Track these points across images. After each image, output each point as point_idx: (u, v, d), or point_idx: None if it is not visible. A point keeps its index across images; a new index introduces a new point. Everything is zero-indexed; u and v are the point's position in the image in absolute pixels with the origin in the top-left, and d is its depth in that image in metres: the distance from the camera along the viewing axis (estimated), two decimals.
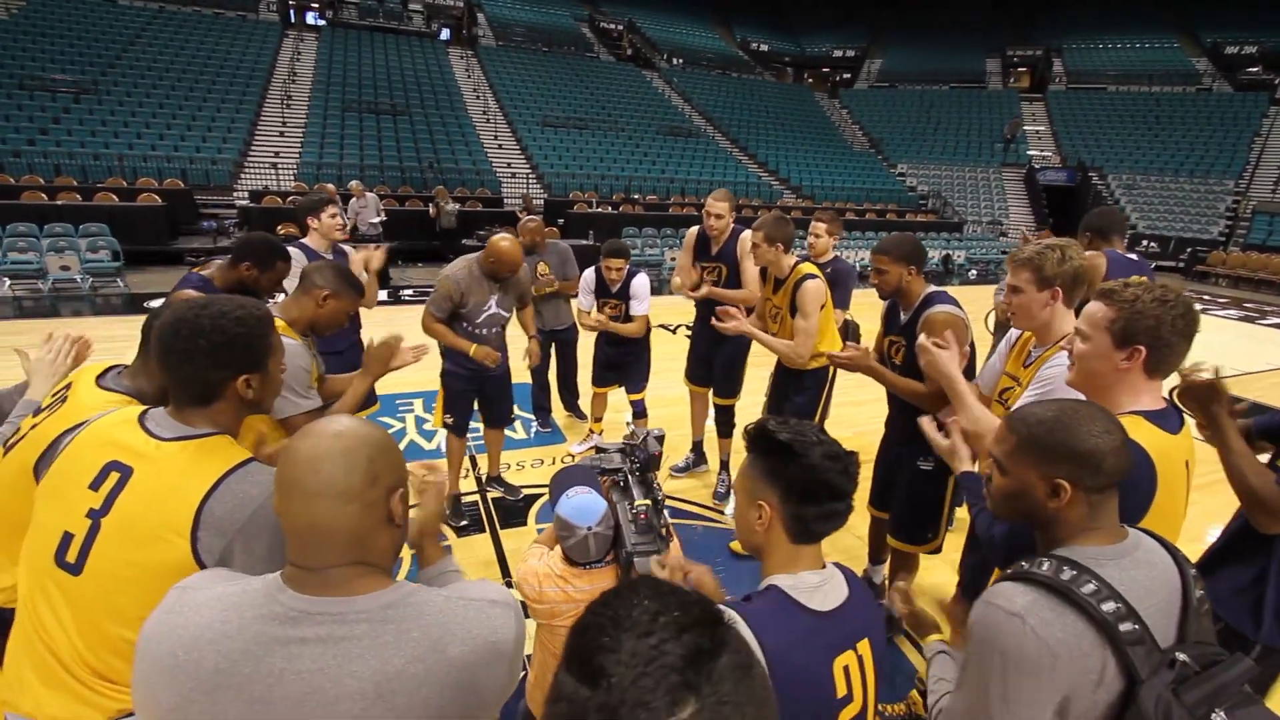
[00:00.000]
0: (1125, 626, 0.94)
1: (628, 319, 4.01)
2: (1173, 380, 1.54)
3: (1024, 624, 0.95)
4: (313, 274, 2.07)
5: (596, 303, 4.05)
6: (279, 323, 1.63)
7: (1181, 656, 0.95)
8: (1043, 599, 0.97)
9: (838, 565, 1.17)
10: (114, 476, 1.11)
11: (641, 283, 3.97)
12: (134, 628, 1.06)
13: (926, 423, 1.82)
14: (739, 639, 0.53)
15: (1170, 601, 1.02)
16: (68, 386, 1.46)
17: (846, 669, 1.08)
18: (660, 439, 1.75)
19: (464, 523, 3.55)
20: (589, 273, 4.06)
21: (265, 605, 0.80)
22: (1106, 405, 1.39)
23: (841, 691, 1.07)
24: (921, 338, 2.04)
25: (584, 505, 1.52)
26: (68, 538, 1.10)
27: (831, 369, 3.21)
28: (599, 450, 1.79)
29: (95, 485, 1.11)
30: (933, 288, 2.47)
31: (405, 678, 0.78)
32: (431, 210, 12.20)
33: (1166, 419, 1.39)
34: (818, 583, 1.09)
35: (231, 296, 1.25)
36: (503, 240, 3.12)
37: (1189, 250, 17.13)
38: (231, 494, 1.10)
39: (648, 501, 1.60)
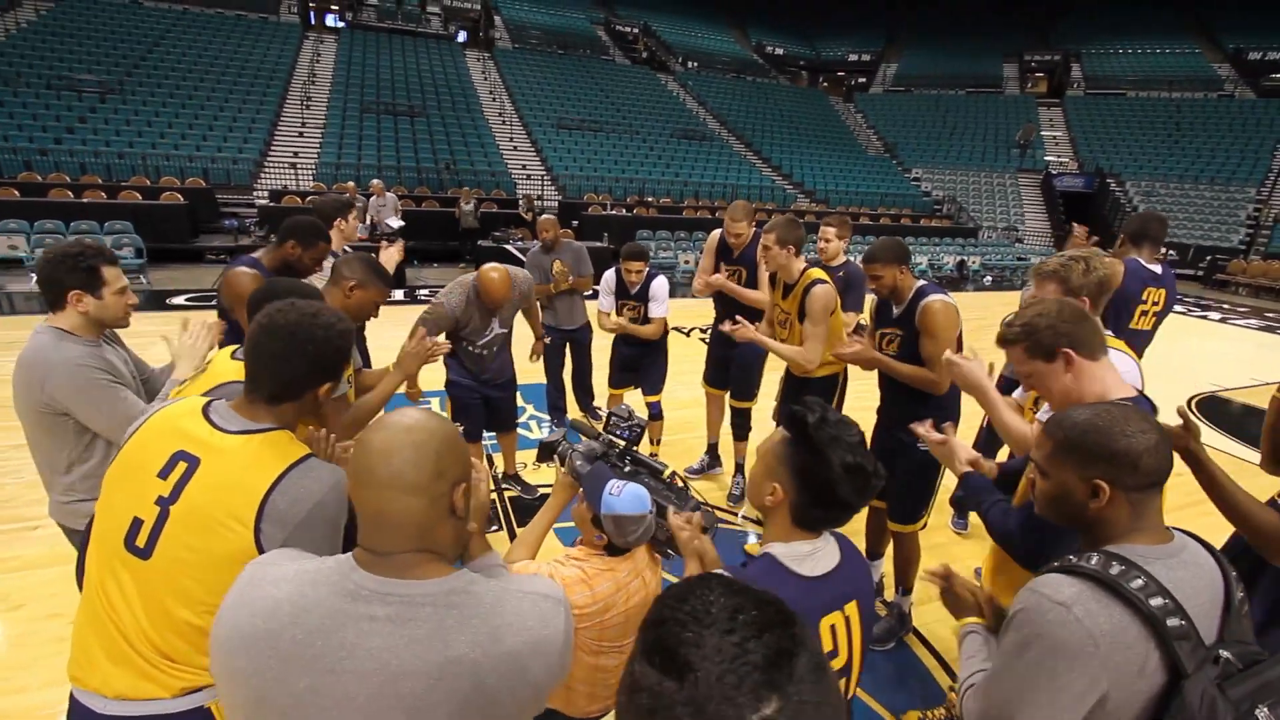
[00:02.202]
0: (1172, 622, 0.96)
1: (646, 321, 4.03)
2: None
3: (1069, 612, 0.98)
4: (341, 266, 2.15)
5: (616, 304, 4.07)
6: None
7: (1225, 654, 0.97)
8: (1089, 590, 1.00)
9: (834, 534, 1.25)
10: (182, 466, 1.16)
11: (660, 285, 4.00)
12: (197, 611, 1.11)
13: (920, 429, 1.90)
14: (814, 640, 0.54)
15: (1214, 602, 1.04)
16: (208, 363, 1.66)
17: (834, 628, 1.18)
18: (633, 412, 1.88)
19: (494, 527, 3.58)
20: (609, 274, 4.07)
21: (340, 582, 0.84)
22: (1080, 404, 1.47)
23: (828, 648, 1.17)
24: (947, 353, 2.11)
25: (634, 494, 1.51)
26: (137, 523, 1.15)
27: (841, 376, 3.27)
28: (546, 446, 1.80)
29: (164, 474, 1.16)
30: (921, 281, 2.64)
31: (465, 662, 0.81)
32: (456, 211, 12.31)
33: (1143, 405, 1.47)
34: (809, 551, 1.19)
35: (326, 305, 1.31)
36: (492, 271, 3.08)
37: (1208, 258, 16.90)
38: (293, 488, 1.15)
39: (668, 465, 1.68)
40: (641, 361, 4.15)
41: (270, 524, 1.12)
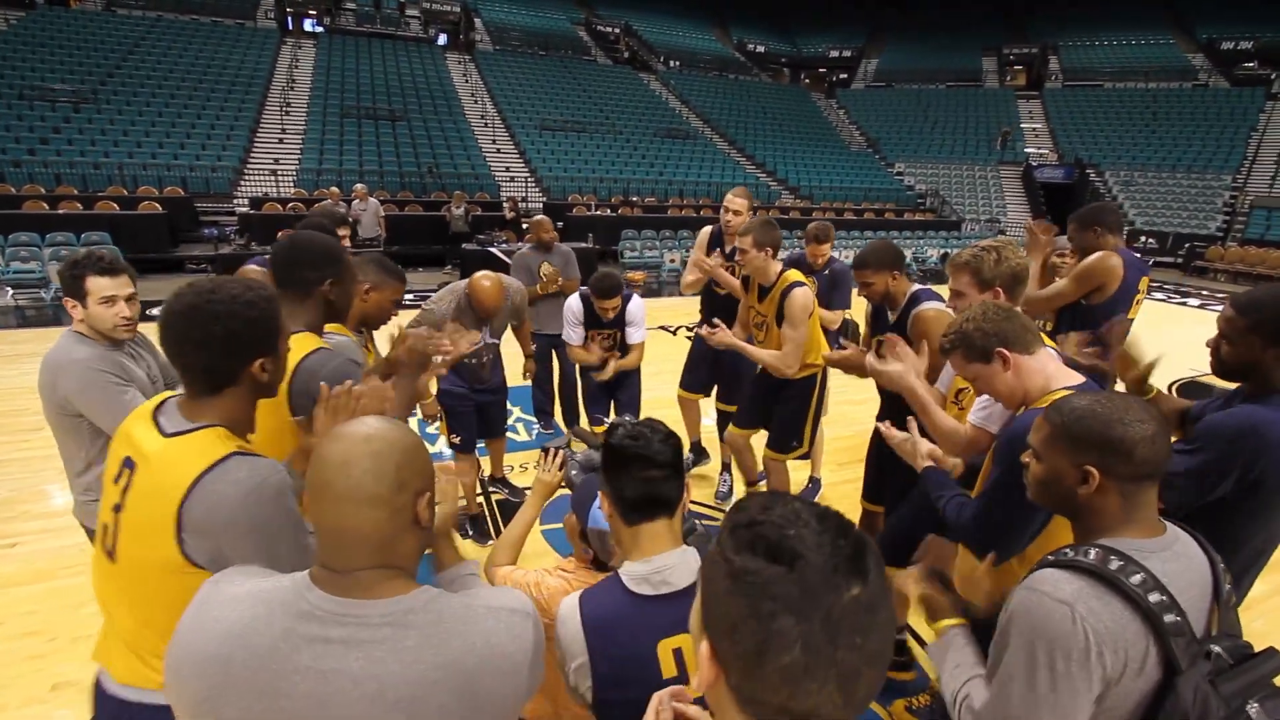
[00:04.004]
0: (1169, 618, 0.95)
1: (623, 346, 3.71)
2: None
3: (1072, 611, 0.96)
4: (354, 269, 2.11)
5: (587, 334, 3.68)
6: (332, 324, 1.71)
7: (1217, 649, 0.97)
8: (1089, 587, 0.98)
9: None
10: (126, 473, 1.13)
11: (637, 308, 3.63)
12: (155, 615, 1.10)
13: (884, 426, 1.89)
14: (872, 542, 0.65)
15: (1204, 594, 1.04)
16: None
17: (677, 651, 1.13)
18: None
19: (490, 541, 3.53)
20: (575, 303, 3.64)
21: (294, 603, 0.81)
22: (1028, 397, 1.52)
23: (669, 673, 1.12)
24: (869, 358, 2.09)
25: None
26: (105, 528, 1.16)
27: (819, 377, 3.22)
28: (544, 452, 1.80)
29: (116, 480, 1.15)
30: (917, 285, 2.54)
31: (425, 684, 0.78)
32: (447, 215, 12.24)
33: (1089, 389, 1.48)
34: (647, 572, 1.15)
35: (237, 278, 1.19)
36: (484, 279, 3.01)
37: (1187, 245, 17.12)
38: (206, 495, 1.06)
39: None
40: (621, 391, 3.84)
41: (191, 534, 1.06)
